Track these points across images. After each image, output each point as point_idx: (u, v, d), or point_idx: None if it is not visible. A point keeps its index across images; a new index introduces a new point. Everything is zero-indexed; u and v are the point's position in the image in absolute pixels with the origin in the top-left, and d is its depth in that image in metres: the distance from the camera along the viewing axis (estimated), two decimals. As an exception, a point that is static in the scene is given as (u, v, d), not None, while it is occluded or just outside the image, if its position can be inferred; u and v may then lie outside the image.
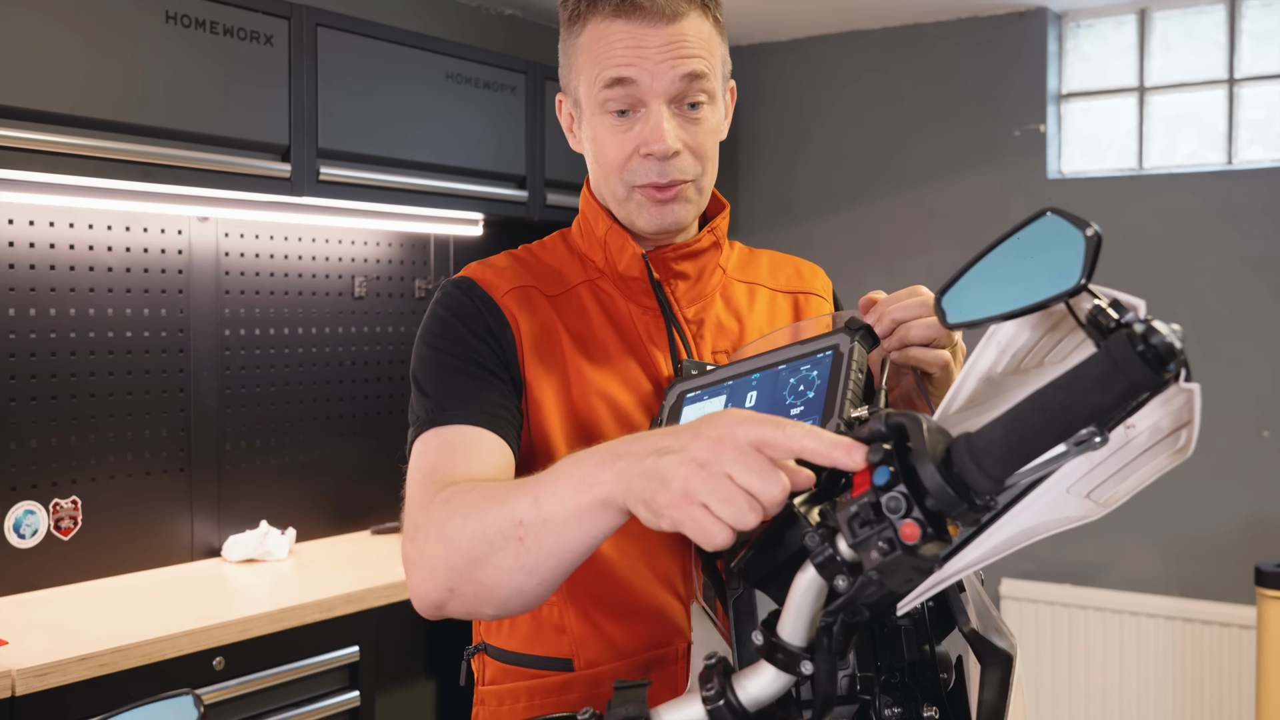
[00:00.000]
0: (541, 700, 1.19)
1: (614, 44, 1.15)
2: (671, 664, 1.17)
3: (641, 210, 1.20)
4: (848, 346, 0.98)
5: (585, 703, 1.17)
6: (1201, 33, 3.60)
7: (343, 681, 2.54)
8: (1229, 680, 3.34)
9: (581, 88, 1.20)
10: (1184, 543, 3.47)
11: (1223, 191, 3.44)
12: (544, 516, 0.86)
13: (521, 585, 0.90)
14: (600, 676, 1.17)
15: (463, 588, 0.94)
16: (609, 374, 1.20)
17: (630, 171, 1.19)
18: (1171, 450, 0.68)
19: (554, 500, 0.86)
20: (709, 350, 1.24)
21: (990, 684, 0.85)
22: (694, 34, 1.16)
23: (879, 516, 0.69)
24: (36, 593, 2.51)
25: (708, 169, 1.21)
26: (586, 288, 1.25)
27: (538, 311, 1.21)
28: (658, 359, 1.22)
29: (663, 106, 1.16)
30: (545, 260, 1.28)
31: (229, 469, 2.92)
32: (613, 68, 1.15)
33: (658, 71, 1.14)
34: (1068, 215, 0.72)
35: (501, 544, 0.89)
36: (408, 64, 2.93)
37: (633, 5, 1.14)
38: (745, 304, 1.30)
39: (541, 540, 0.87)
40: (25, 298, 2.52)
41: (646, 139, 1.16)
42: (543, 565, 0.88)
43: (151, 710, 0.78)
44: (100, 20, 2.32)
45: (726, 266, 1.31)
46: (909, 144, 3.91)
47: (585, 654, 1.18)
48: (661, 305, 1.24)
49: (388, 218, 3.02)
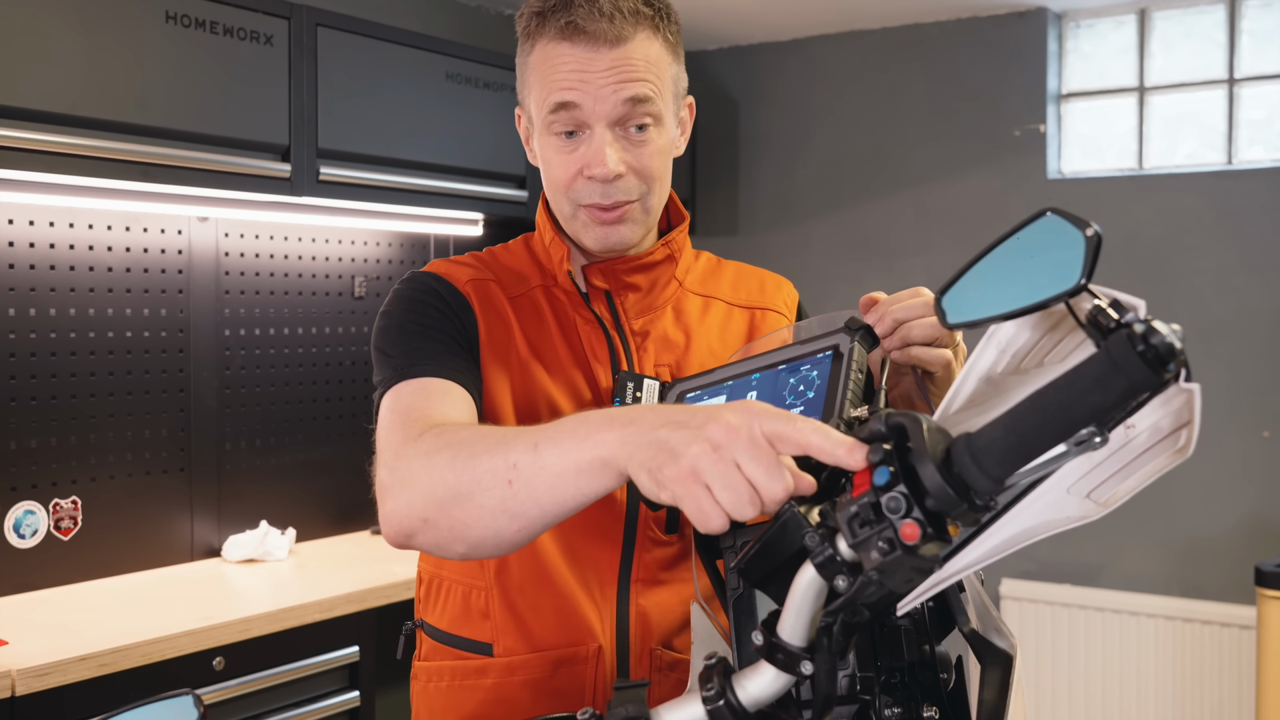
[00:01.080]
0: (461, 681, 1.23)
1: (559, 66, 1.16)
2: (582, 664, 1.20)
3: (587, 230, 1.22)
4: (848, 346, 0.98)
5: (500, 689, 1.20)
6: (1201, 33, 3.60)
7: (343, 681, 2.54)
8: (1229, 680, 3.34)
9: (532, 105, 1.23)
10: (1184, 543, 3.47)
11: (1223, 191, 3.44)
12: (540, 464, 0.86)
13: (501, 528, 0.91)
14: (514, 666, 1.20)
15: (438, 520, 0.94)
16: (554, 380, 1.23)
17: (575, 191, 1.20)
18: (1171, 450, 0.68)
19: (554, 451, 0.86)
20: (651, 363, 1.26)
21: (990, 684, 0.85)
22: (640, 57, 1.17)
23: (879, 516, 0.69)
24: (36, 593, 2.51)
25: (654, 189, 1.22)
26: (542, 292, 1.28)
27: (497, 306, 1.24)
28: (597, 371, 1.24)
29: (606, 130, 1.17)
30: (506, 262, 1.30)
31: (229, 469, 2.92)
32: (557, 91, 1.16)
33: (600, 96, 1.15)
34: (1068, 215, 0.72)
35: (490, 483, 0.89)
36: (408, 64, 2.93)
37: (577, 29, 1.15)
38: (697, 318, 1.31)
39: (532, 488, 0.87)
40: (25, 298, 2.52)
41: (589, 162, 1.18)
42: (527, 512, 0.88)
43: (151, 710, 0.78)
44: (100, 20, 2.32)
45: (685, 279, 1.32)
46: (909, 144, 3.91)
47: (504, 641, 1.21)
48: (598, 318, 1.26)
49: (387, 218, 3.02)
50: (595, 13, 1.14)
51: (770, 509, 0.76)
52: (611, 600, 1.20)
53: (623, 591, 1.21)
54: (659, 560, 1.22)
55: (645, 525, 1.21)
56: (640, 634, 1.21)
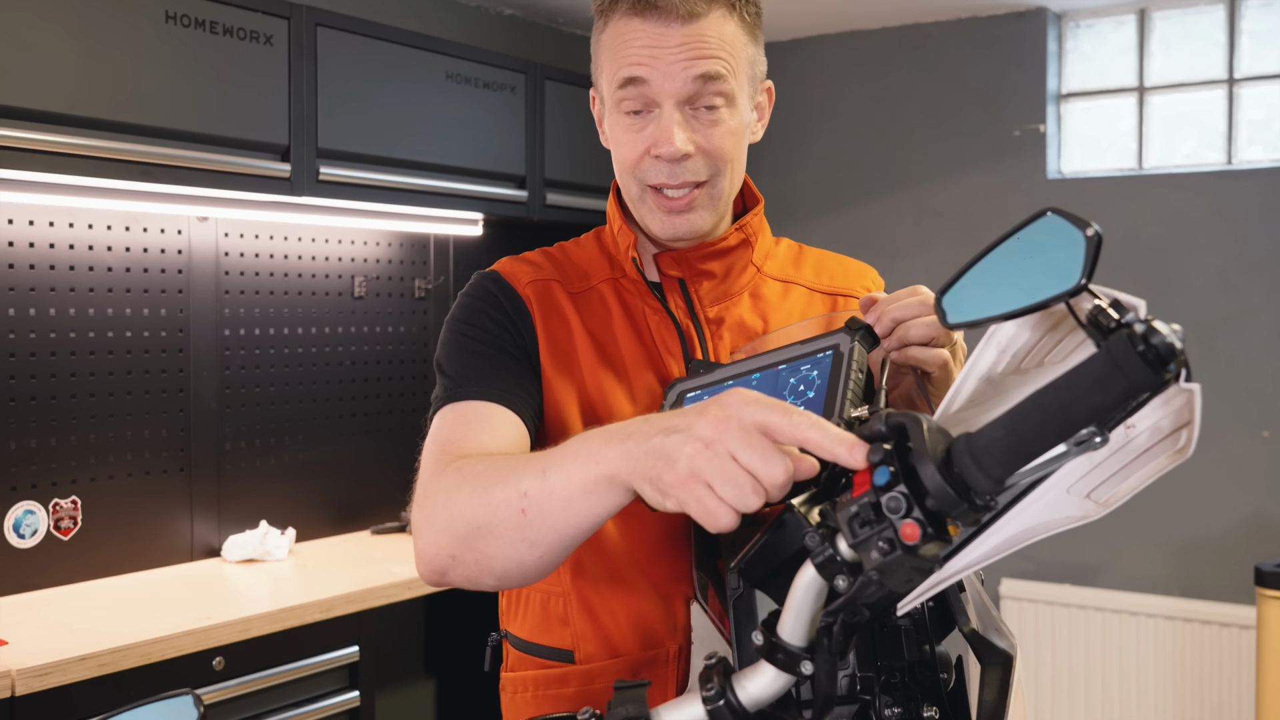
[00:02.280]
0: (544, 692, 1.21)
1: (630, 42, 1.14)
2: (662, 667, 1.17)
3: (653, 216, 1.20)
4: (848, 346, 0.98)
5: (581, 698, 1.18)
6: (1201, 33, 3.60)
7: (343, 681, 2.54)
8: (1229, 680, 3.34)
9: (604, 84, 1.20)
10: (1184, 543, 3.47)
11: (1223, 191, 3.44)
12: (549, 490, 0.87)
13: (522, 557, 0.91)
14: (593, 673, 1.18)
15: (464, 555, 0.95)
16: (622, 379, 1.20)
17: (642, 171, 1.18)
18: (1172, 450, 0.68)
19: (560, 475, 0.87)
20: (727, 350, 1.23)
21: (990, 684, 0.85)
22: (714, 34, 1.14)
23: (879, 516, 0.69)
24: (36, 593, 2.51)
25: (724, 171, 1.19)
26: (609, 285, 1.25)
27: (557, 307, 1.22)
28: (670, 364, 1.21)
29: (674, 109, 1.15)
30: (575, 257, 1.28)
31: (229, 469, 2.92)
32: (626, 67, 1.15)
33: (670, 72, 1.13)
34: (1068, 215, 0.72)
35: (505, 515, 0.90)
36: (408, 64, 2.93)
37: (649, 4, 1.13)
38: (776, 302, 1.28)
39: (545, 514, 0.88)
40: (25, 298, 2.52)
41: (656, 140, 1.15)
42: (544, 539, 0.89)
43: (151, 710, 0.78)
44: (100, 20, 2.32)
45: (763, 264, 1.29)
46: (909, 144, 3.91)
47: (584, 647, 1.19)
48: (668, 308, 1.23)
49: (388, 218, 3.02)
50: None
51: (775, 496, 0.75)
52: (687, 601, 1.17)
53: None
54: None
55: None
56: None
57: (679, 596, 1.17)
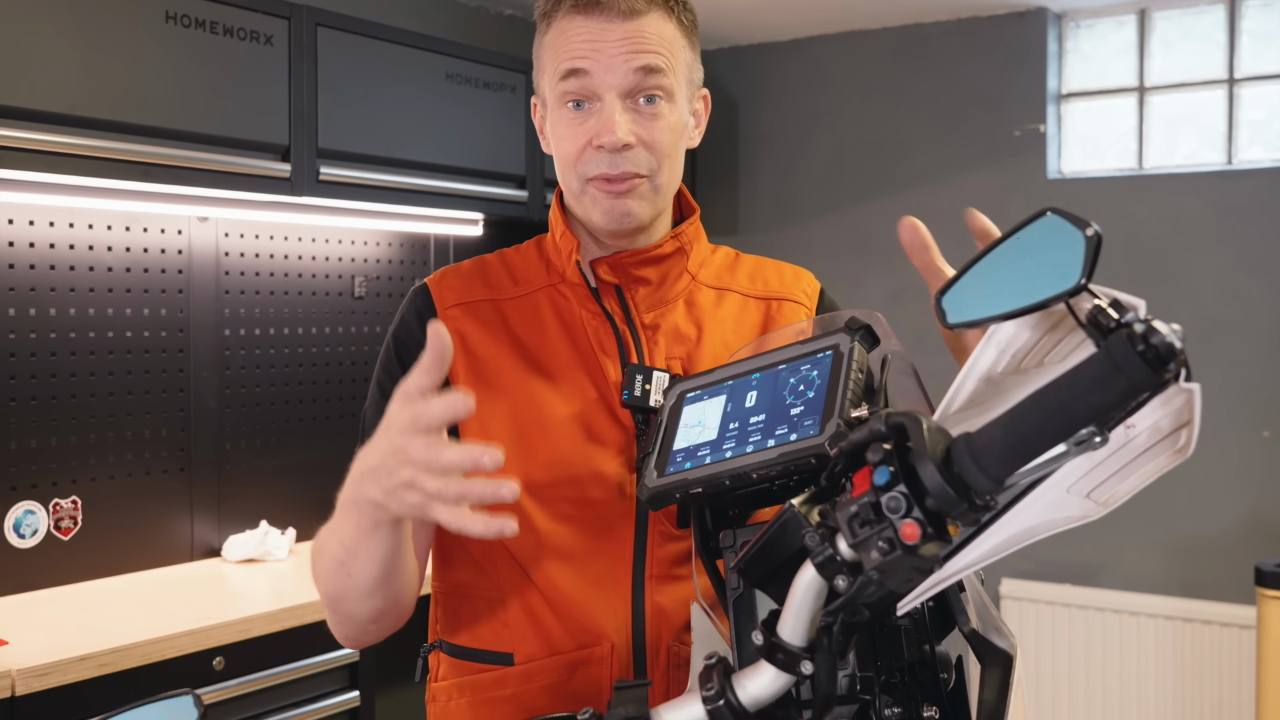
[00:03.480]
0: (481, 695, 1.22)
1: (573, 38, 1.18)
2: (597, 664, 1.19)
3: (595, 204, 1.22)
4: (848, 346, 0.98)
5: (519, 699, 1.20)
6: (1201, 33, 3.60)
7: (343, 681, 2.54)
8: (1229, 680, 3.34)
9: (545, 84, 1.23)
10: (1184, 543, 3.47)
11: (1223, 191, 3.44)
12: (351, 551, 1.04)
13: (376, 604, 1.10)
14: (531, 672, 1.20)
15: (344, 620, 1.14)
16: (558, 383, 1.22)
17: (584, 164, 1.20)
18: (1171, 450, 0.68)
19: (348, 535, 1.03)
20: (662, 356, 1.25)
21: (990, 684, 0.85)
22: (653, 32, 1.19)
23: (879, 516, 0.69)
24: (36, 593, 2.51)
25: (664, 166, 1.22)
26: (546, 293, 1.27)
27: (483, 326, 1.24)
28: (606, 366, 1.23)
29: (616, 100, 1.18)
30: (515, 265, 1.30)
31: (229, 469, 2.92)
32: (569, 60, 1.18)
33: (611, 65, 1.17)
34: (1068, 215, 0.72)
35: (342, 580, 1.08)
36: (408, 64, 2.93)
37: (591, 2, 1.17)
38: (710, 310, 1.29)
39: (359, 565, 1.05)
40: (25, 298, 2.52)
41: (599, 130, 1.18)
42: (373, 578, 1.06)
43: (151, 710, 0.78)
44: (100, 20, 2.32)
45: (699, 272, 1.31)
46: (909, 144, 3.91)
47: (524, 648, 1.20)
48: (606, 312, 1.25)
49: (388, 218, 3.02)
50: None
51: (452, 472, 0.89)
52: (626, 598, 1.19)
53: (637, 589, 1.20)
54: (673, 555, 1.21)
55: (656, 521, 1.21)
56: (656, 631, 1.20)
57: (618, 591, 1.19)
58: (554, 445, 1.19)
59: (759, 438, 0.96)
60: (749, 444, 0.96)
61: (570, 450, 1.19)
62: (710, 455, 0.98)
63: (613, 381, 1.22)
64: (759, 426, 0.97)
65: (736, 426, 0.99)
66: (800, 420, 0.94)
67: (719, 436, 0.99)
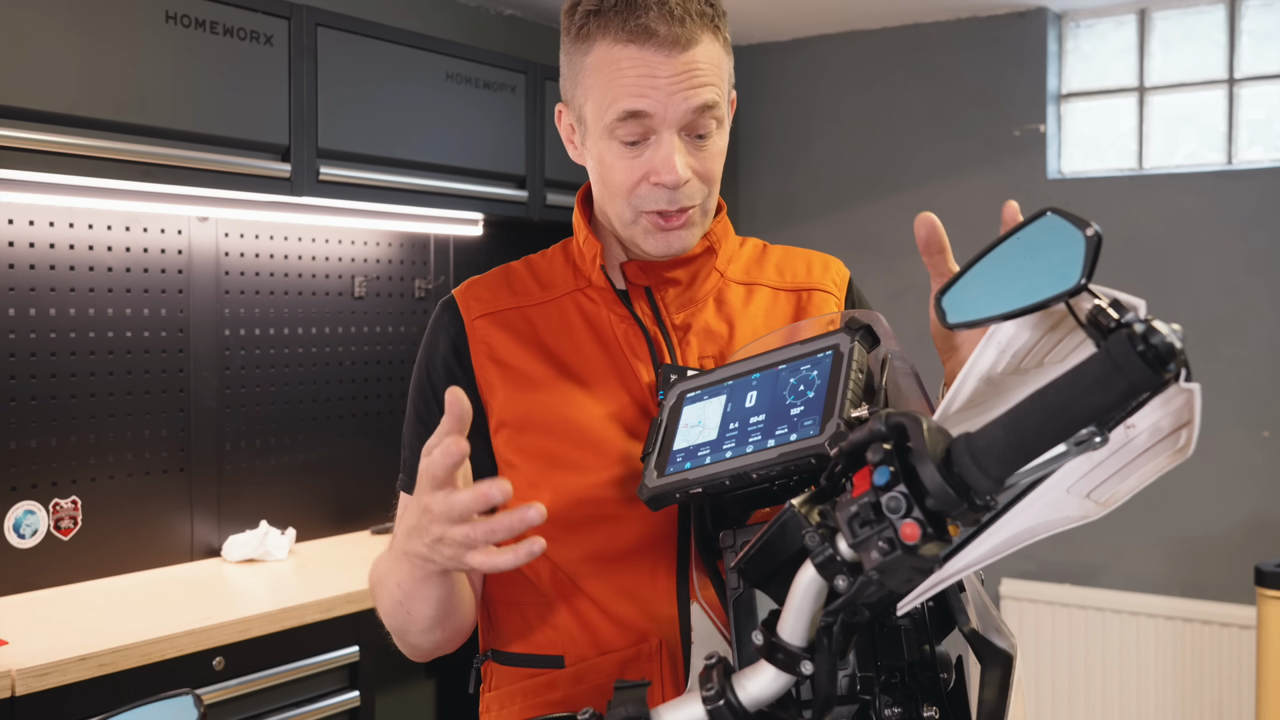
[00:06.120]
0: (532, 700, 1.21)
1: (625, 71, 1.13)
2: (646, 661, 1.18)
3: (648, 236, 1.20)
4: (848, 346, 0.98)
5: (569, 701, 1.19)
6: (1201, 33, 3.61)
7: (343, 681, 2.54)
8: (1229, 680, 3.34)
9: (589, 108, 1.18)
10: (1184, 543, 3.47)
11: (1223, 191, 3.44)
12: (408, 594, 1.11)
13: (437, 637, 1.17)
14: (581, 673, 1.19)
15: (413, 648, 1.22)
16: (590, 388, 1.21)
17: (638, 197, 1.18)
18: (1171, 450, 0.68)
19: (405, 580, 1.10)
20: (694, 356, 1.24)
21: (990, 684, 0.85)
22: (705, 60, 1.14)
23: (879, 516, 0.69)
24: (36, 593, 2.51)
25: (713, 191, 1.21)
26: (572, 298, 1.26)
27: (512, 334, 1.23)
28: (638, 369, 1.22)
29: (674, 137, 1.14)
30: (540, 270, 1.29)
31: (229, 469, 2.92)
32: (625, 99, 1.13)
33: (670, 104, 1.12)
34: (1068, 215, 0.72)
35: (402, 618, 1.15)
36: (408, 64, 2.93)
37: (646, 31, 1.11)
38: (740, 306, 1.28)
39: (417, 606, 1.12)
40: (25, 298, 2.52)
41: (657, 168, 1.15)
42: (431, 617, 1.13)
43: (151, 710, 0.78)
44: (100, 20, 2.32)
45: (727, 269, 1.30)
46: (909, 144, 3.91)
47: (574, 650, 1.20)
48: (635, 315, 1.24)
49: (388, 218, 3.02)
50: (666, 15, 1.11)
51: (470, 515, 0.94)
52: (672, 594, 1.18)
53: (682, 583, 1.18)
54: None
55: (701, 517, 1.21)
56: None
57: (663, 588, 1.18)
58: (593, 449, 1.18)
59: (759, 438, 0.96)
60: (749, 444, 0.96)
61: (609, 454, 1.18)
62: (710, 455, 0.98)
63: (646, 384, 1.21)
64: (759, 426, 0.97)
65: (736, 427, 0.99)
66: (800, 420, 0.94)
67: (719, 436, 0.99)
